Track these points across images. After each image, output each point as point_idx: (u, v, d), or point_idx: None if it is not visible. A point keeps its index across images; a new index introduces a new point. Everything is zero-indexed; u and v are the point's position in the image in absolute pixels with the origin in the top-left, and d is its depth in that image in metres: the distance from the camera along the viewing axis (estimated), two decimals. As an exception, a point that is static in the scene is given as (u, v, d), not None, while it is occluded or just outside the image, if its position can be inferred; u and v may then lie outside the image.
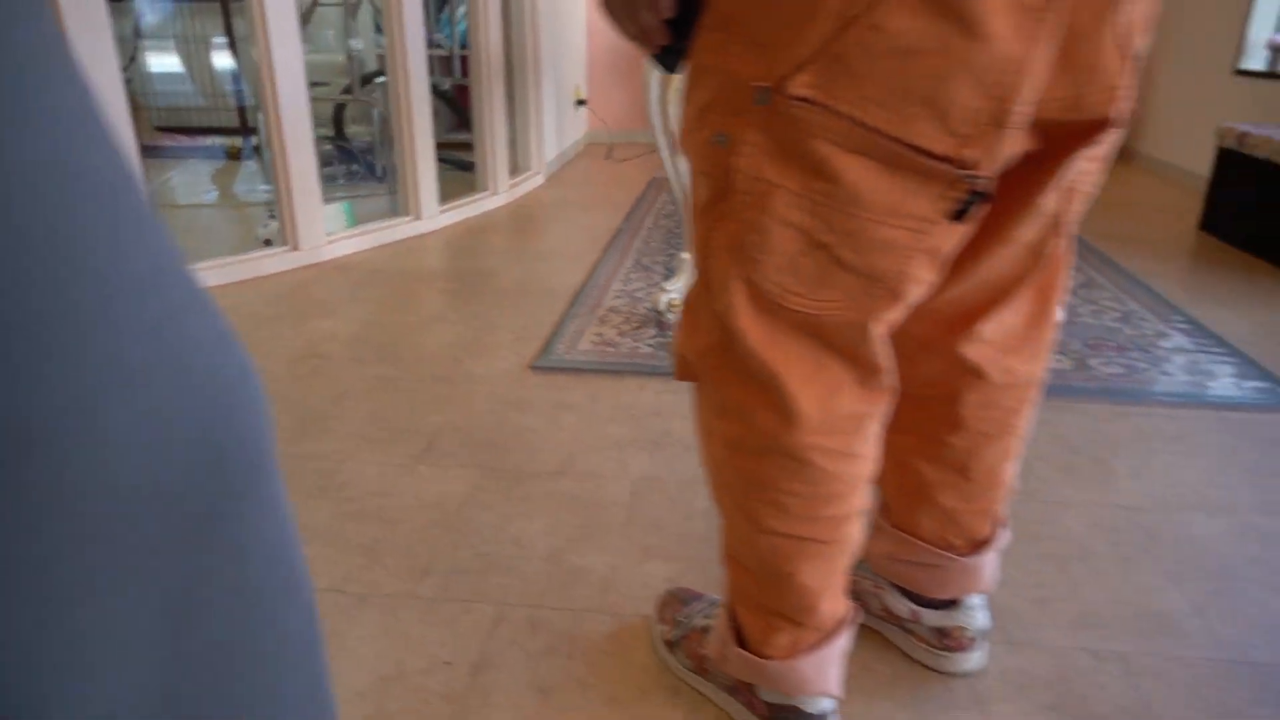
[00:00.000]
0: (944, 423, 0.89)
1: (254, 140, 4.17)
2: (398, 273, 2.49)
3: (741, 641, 0.88)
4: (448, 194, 3.06)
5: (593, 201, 3.43)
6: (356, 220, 2.77)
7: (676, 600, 1.06)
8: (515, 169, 3.58)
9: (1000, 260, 0.78)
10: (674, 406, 1.66)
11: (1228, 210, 2.84)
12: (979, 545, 0.96)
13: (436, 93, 3.94)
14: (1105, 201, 3.50)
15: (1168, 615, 1.11)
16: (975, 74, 0.57)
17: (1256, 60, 3.46)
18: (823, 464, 0.74)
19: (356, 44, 3.62)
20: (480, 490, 1.39)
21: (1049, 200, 0.73)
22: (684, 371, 0.77)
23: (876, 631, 1.06)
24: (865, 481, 0.78)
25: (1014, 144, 0.64)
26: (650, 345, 1.93)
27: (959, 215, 0.64)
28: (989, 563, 0.96)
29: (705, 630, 0.97)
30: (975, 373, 0.85)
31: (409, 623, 1.10)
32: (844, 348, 0.71)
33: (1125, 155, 4.47)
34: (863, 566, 1.06)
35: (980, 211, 0.66)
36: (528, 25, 3.48)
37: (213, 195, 3.43)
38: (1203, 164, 3.71)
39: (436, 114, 4.43)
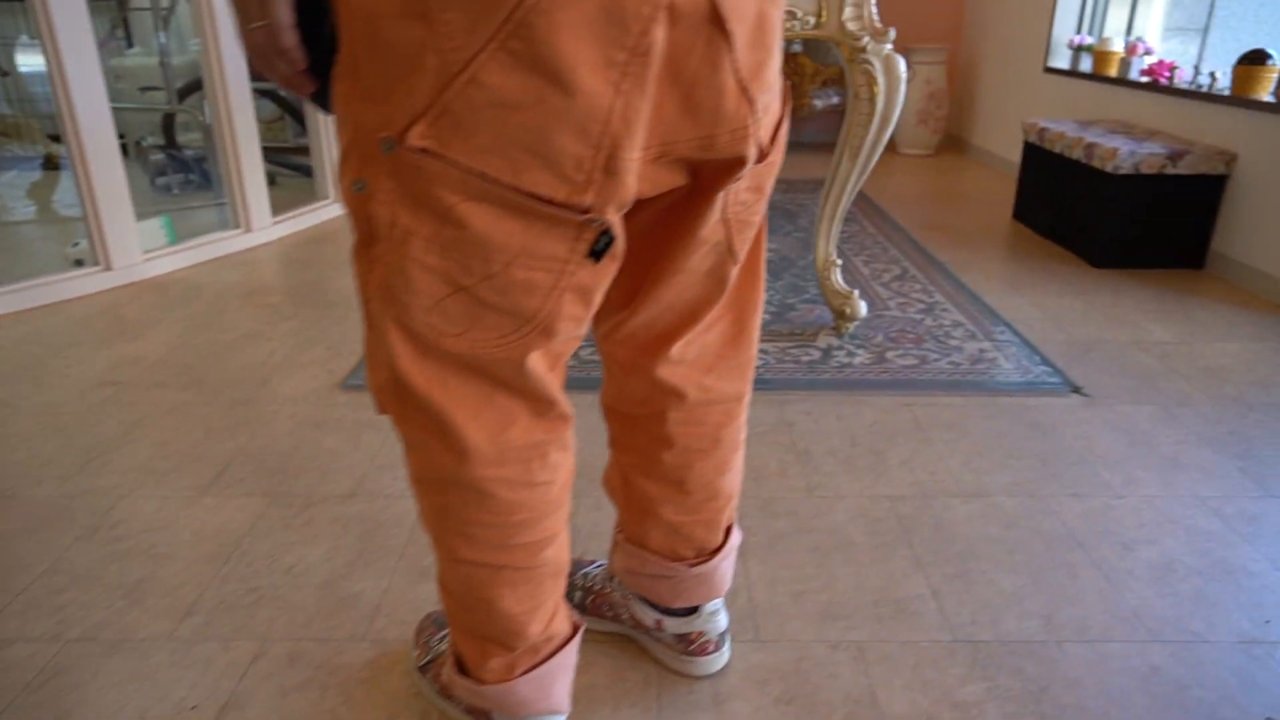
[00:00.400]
0: (656, 440, 0.92)
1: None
2: (219, 289, 2.41)
3: (462, 667, 0.90)
4: (289, 201, 2.97)
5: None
6: (178, 236, 2.66)
7: (431, 624, 1.07)
8: (361, 174, 3.49)
9: (679, 287, 0.81)
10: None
11: (1033, 200, 3.03)
12: (708, 554, 1.00)
13: (276, 98, 3.81)
14: (934, 193, 3.68)
15: (907, 601, 1.18)
16: (574, 125, 0.59)
17: (1062, 59, 3.69)
18: (505, 494, 0.76)
19: (193, 46, 3.46)
20: (263, 519, 1.36)
21: (711, 230, 0.76)
22: (380, 406, 0.77)
23: (631, 640, 1.10)
24: (557, 505, 0.81)
25: (644, 184, 0.67)
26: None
27: (596, 255, 0.67)
28: (720, 569, 1.01)
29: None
30: (675, 393, 0.89)
31: (160, 667, 1.07)
32: (508, 381, 0.73)
33: (959, 148, 4.70)
34: (612, 579, 1.09)
35: (617, 249, 0.69)
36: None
37: (30, 210, 3.23)
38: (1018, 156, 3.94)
39: (281, 119, 4.29)
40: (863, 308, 2.03)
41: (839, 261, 2.03)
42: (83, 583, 1.22)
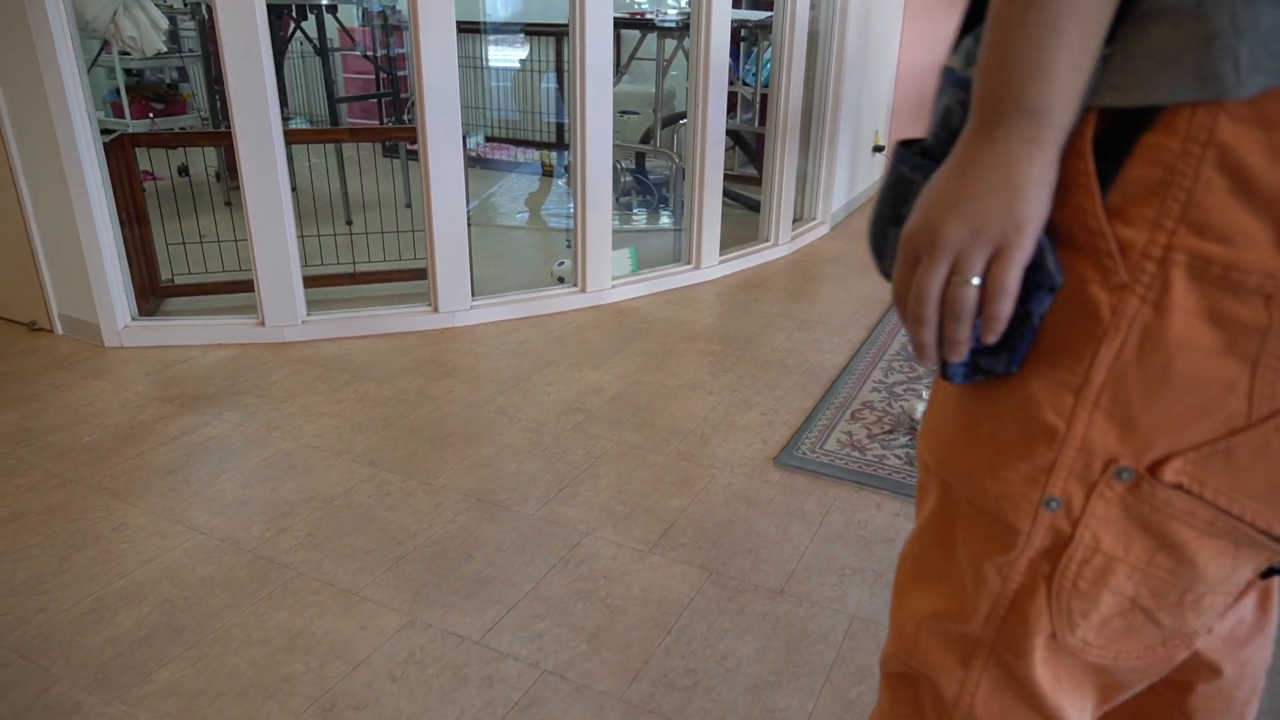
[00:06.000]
0: (1174, 712, 0.83)
1: (566, 157, 4.56)
2: (669, 326, 2.64)
3: None
4: (731, 235, 3.16)
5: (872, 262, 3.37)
6: (640, 266, 2.97)
7: None
8: (800, 216, 3.60)
9: None
10: (907, 534, 1.63)
11: None
12: None
13: (728, 132, 4.06)
14: None
15: None
16: None
17: None
18: None
19: (670, 83, 3.83)
20: (700, 595, 1.47)
21: None
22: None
23: None
24: None
25: None
26: (899, 456, 1.90)
27: (1270, 573, 0.62)
28: None
29: None
30: (1211, 668, 0.79)
31: (613, 727, 1.21)
32: (1115, 687, 0.70)
33: None
34: None
35: None
36: (833, 68, 3.48)
37: (524, 217, 3.81)
38: None
39: (731, 149, 4.57)
40: None
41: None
42: (556, 614, 1.42)
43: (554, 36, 4.43)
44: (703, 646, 1.36)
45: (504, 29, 4.79)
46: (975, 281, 0.54)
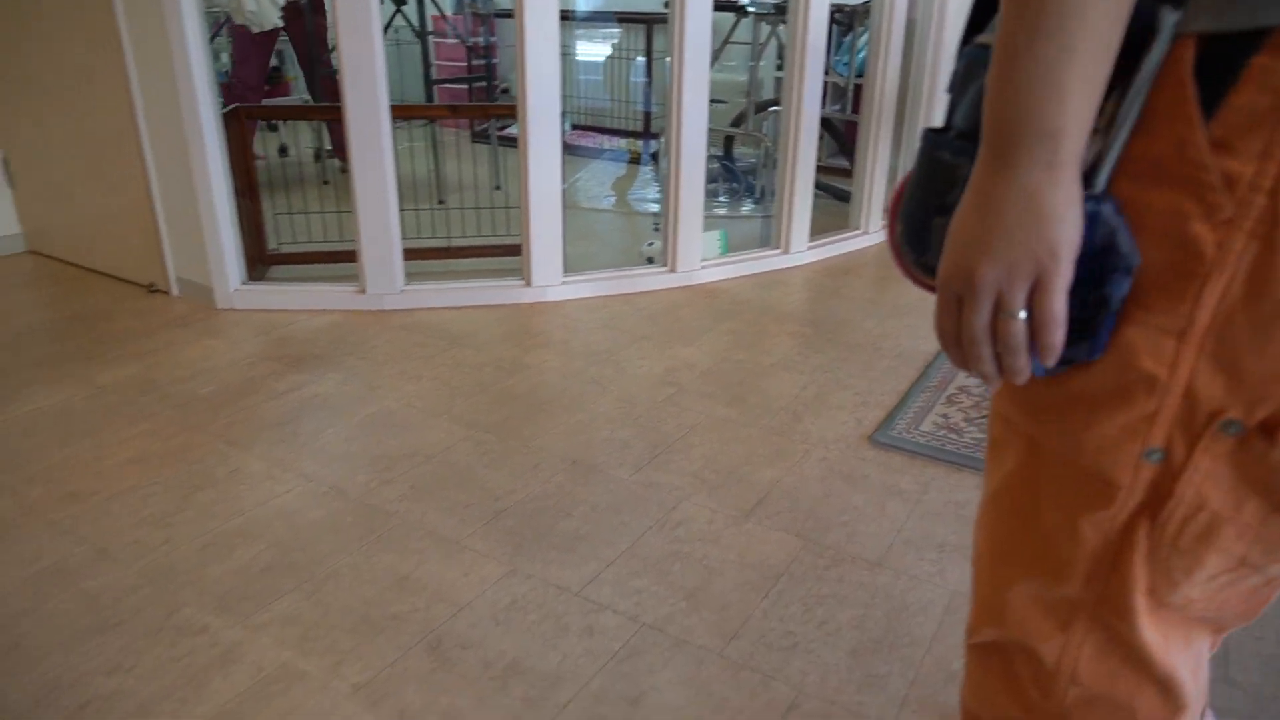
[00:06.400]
0: None
1: (653, 146, 4.59)
2: (759, 308, 2.63)
3: None
4: (817, 226, 3.14)
5: (964, 251, 3.30)
6: (729, 249, 2.96)
7: None
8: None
9: None
10: (1009, 517, 1.60)
11: None
12: None
13: (821, 120, 4.02)
14: None
15: None
16: None
17: None
18: None
19: (760, 72, 3.82)
20: (797, 562, 1.47)
21: None
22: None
23: None
24: None
25: None
26: (996, 439, 1.86)
27: None
28: None
29: None
30: None
31: (712, 680, 1.22)
32: (1218, 632, 0.68)
33: None
34: None
35: None
36: (929, 56, 3.42)
37: (610, 200, 3.85)
38: None
39: (820, 138, 4.52)
40: None
41: None
42: (653, 573, 1.44)
43: (645, 24, 4.45)
44: (801, 611, 1.36)
45: (595, 17, 4.84)
46: (1022, 315, 0.53)
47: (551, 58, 2.38)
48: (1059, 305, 0.52)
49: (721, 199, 3.78)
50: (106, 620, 1.31)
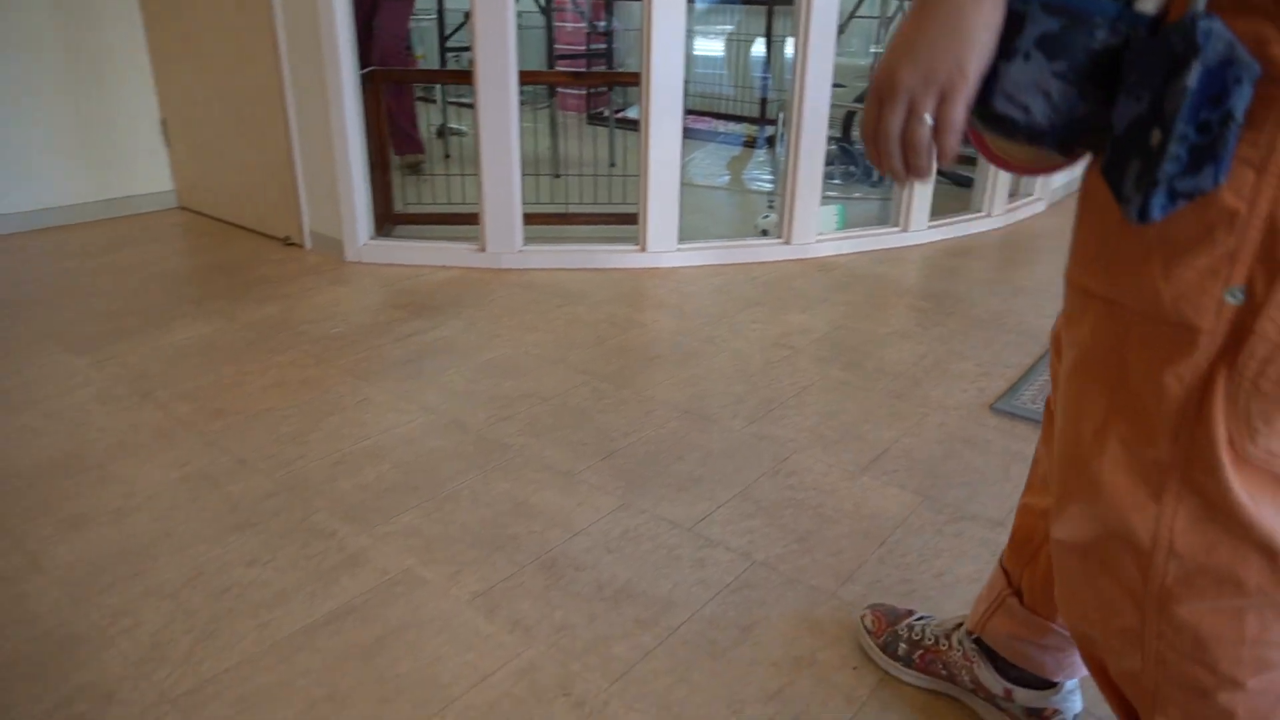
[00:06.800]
0: None
1: (768, 131, 4.55)
2: (875, 281, 2.58)
3: None
4: (938, 209, 3.05)
5: (1096, 238, 3.15)
6: (846, 224, 2.91)
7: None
8: (1015, 192, 3.42)
9: None
10: (1145, 489, 1.52)
11: None
12: None
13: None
14: None
15: None
16: None
17: None
18: None
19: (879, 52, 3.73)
20: (915, 516, 1.43)
21: None
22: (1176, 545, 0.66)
23: (957, 702, 1.05)
24: None
25: None
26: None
27: None
28: None
29: None
30: None
31: (826, 620, 1.20)
32: None
33: None
34: (959, 637, 1.03)
35: None
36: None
37: (725, 179, 3.84)
38: None
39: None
40: None
41: None
42: (766, 515, 1.42)
43: (765, 6, 4.42)
44: (918, 561, 1.32)
45: (719, 2, 4.84)
46: (929, 121, 0.58)
47: (677, 29, 2.39)
48: (959, 115, 0.57)
49: (837, 181, 3.72)
50: (246, 520, 1.39)
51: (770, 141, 4.44)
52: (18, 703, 1.04)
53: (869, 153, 0.62)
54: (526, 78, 2.48)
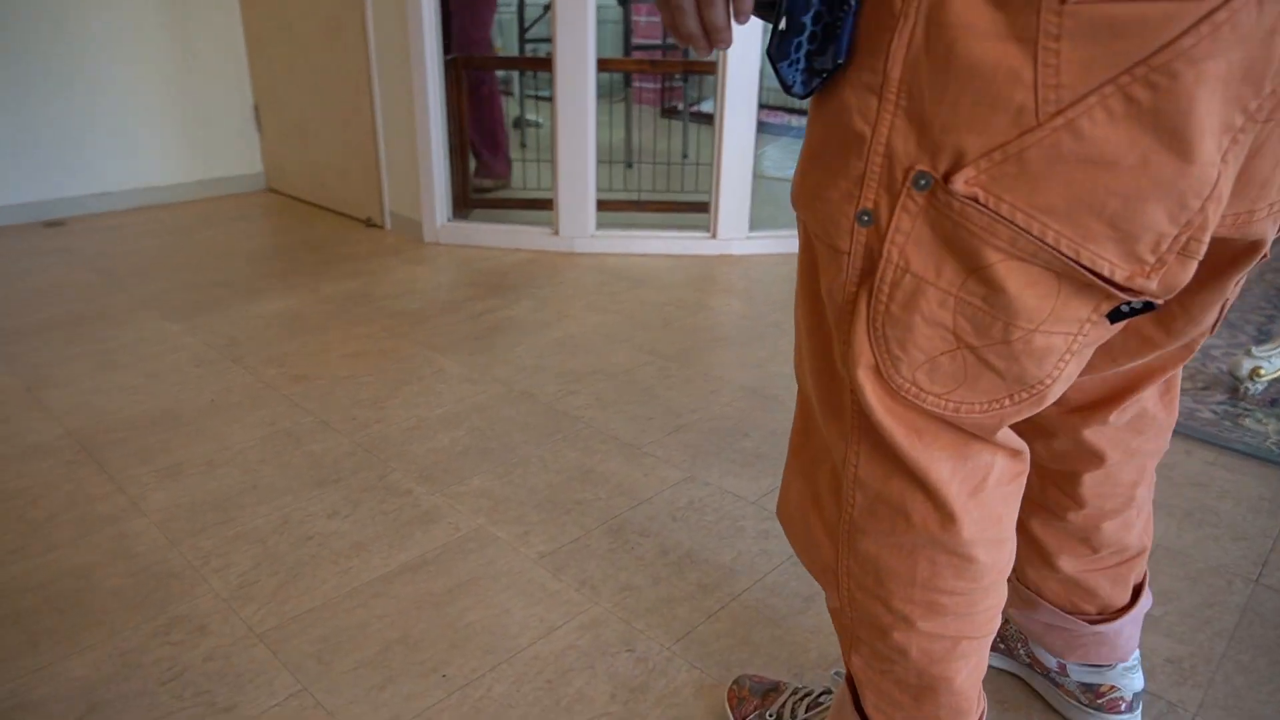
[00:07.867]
0: (1064, 498, 0.88)
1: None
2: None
3: None
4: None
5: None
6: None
7: (749, 694, 1.00)
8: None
9: (1151, 357, 0.76)
10: (1222, 483, 1.47)
11: None
12: (1111, 613, 0.92)
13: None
14: None
15: None
16: (1175, 197, 0.49)
17: None
18: (983, 557, 0.67)
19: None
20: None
21: (1211, 316, 0.70)
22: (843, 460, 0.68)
23: (1016, 678, 1.04)
24: (1011, 559, 0.71)
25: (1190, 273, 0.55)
26: (1214, 411, 1.72)
27: (1118, 317, 0.57)
28: (1124, 631, 0.92)
29: None
30: (1097, 456, 0.83)
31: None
32: (983, 435, 0.64)
33: None
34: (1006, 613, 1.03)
35: (1139, 314, 0.57)
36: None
37: (789, 171, 3.83)
38: None
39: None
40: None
41: None
42: (831, 494, 1.43)
43: None
44: (984, 543, 1.31)
45: None
46: None
47: (754, 21, 2.39)
48: None
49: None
50: (327, 476, 1.46)
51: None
52: (123, 628, 1.11)
53: (665, 21, 0.60)
54: (604, 65, 2.52)
